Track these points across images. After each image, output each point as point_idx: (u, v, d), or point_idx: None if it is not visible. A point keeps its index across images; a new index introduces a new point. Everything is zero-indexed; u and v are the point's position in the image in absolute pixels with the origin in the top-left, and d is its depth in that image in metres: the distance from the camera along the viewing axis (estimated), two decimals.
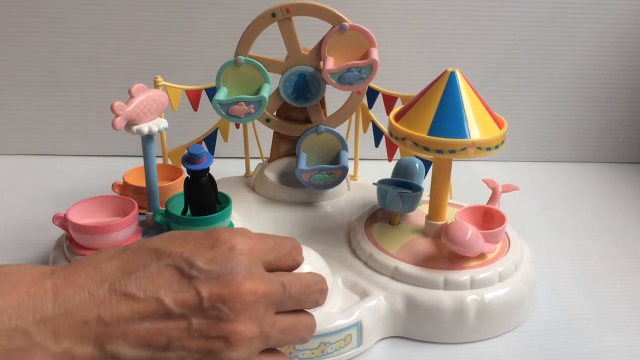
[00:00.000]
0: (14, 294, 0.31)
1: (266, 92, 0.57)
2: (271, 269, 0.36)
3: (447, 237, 0.48)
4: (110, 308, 0.32)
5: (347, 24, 0.56)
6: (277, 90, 0.60)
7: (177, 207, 0.53)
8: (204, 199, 0.52)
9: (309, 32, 0.60)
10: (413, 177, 0.56)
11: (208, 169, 0.51)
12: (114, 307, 0.32)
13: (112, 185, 0.62)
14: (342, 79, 0.56)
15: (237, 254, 0.34)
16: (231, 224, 0.55)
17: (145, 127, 0.51)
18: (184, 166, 0.51)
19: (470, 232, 0.48)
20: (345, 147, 0.63)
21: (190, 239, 0.35)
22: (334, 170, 0.60)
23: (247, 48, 0.58)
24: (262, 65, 0.58)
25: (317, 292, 0.37)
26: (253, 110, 0.56)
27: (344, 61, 0.57)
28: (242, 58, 0.57)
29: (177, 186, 0.59)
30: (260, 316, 0.34)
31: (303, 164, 0.60)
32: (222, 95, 0.57)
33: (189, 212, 0.53)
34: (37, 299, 0.31)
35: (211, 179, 0.52)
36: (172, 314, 0.32)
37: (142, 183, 0.57)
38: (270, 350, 0.37)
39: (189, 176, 0.52)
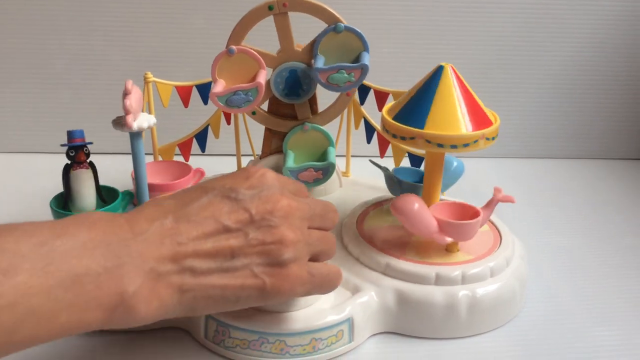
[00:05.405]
0: (97, 227, 0.35)
1: (333, 157, 0.59)
2: None
3: (394, 206, 0.48)
4: (179, 232, 0.37)
5: (234, 47, 0.56)
6: (267, 82, 0.60)
7: (59, 204, 0.55)
8: (83, 189, 0.53)
9: (305, 28, 0.59)
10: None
11: (83, 150, 0.52)
12: (182, 231, 0.37)
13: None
14: (230, 102, 0.56)
15: (268, 179, 0.40)
16: None
17: (135, 124, 0.51)
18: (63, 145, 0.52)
19: (417, 206, 0.48)
20: (366, 49, 0.58)
21: (227, 176, 0.41)
22: (354, 69, 0.56)
23: (240, 39, 0.57)
24: (328, 132, 0.60)
25: (333, 212, 0.44)
26: (321, 176, 0.58)
27: (234, 83, 0.57)
28: (308, 125, 0.60)
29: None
30: (298, 226, 0.40)
31: (320, 64, 0.57)
32: (290, 161, 0.59)
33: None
34: (117, 229, 0.36)
35: (93, 169, 0.53)
36: (231, 230, 0.38)
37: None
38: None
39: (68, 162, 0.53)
